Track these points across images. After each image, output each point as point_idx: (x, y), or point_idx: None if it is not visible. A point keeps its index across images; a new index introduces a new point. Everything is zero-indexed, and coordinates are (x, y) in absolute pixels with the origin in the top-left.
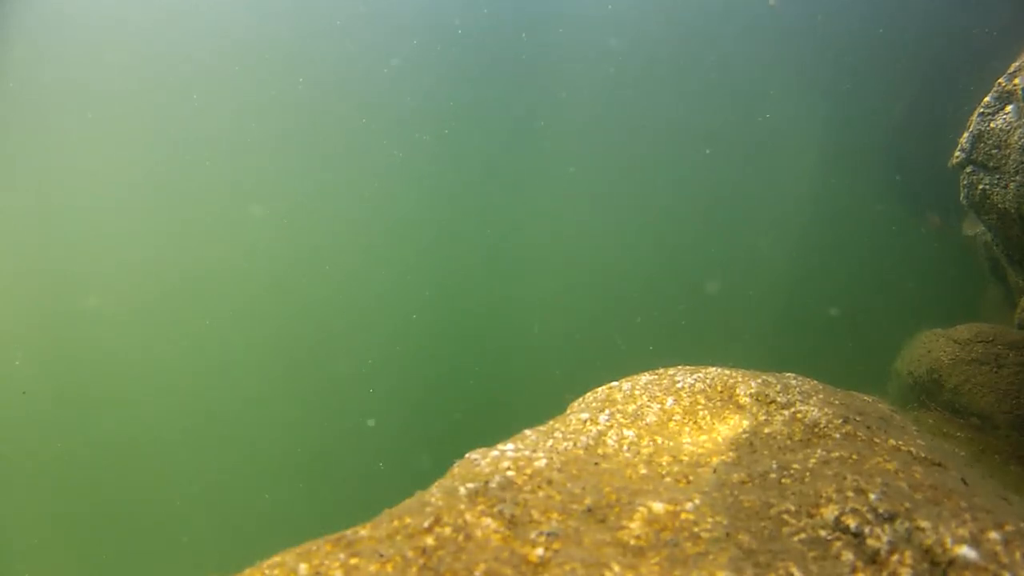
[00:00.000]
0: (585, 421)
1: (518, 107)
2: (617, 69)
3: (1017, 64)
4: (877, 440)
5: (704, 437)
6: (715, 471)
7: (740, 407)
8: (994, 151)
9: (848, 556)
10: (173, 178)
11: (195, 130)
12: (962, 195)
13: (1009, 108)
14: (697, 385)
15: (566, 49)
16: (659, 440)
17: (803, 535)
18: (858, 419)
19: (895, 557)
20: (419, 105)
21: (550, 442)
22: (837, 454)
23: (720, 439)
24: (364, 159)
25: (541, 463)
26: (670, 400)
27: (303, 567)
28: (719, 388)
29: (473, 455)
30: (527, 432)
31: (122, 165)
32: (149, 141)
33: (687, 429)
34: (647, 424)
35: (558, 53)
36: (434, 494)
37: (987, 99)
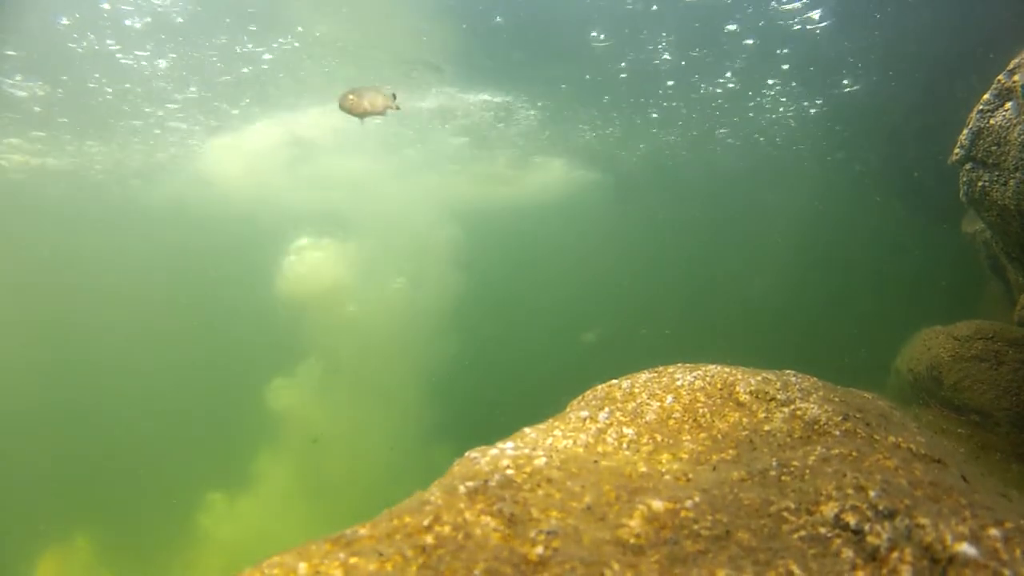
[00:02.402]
0: (585, 419)
1: None
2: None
3: (1016, 61)
4: (877, 437)
5: (704, 435)
6: (715, 469)
7: (740, 404)
8: (993, 148)
9: (848, 553)
10: None
11: None
12: (962, 192)
13: (1008, 105)
14: (696, 383)
15: None
16: (659, 438)
17: (803, 532)
18: (858, 416)
19: (895, 554)
20: None
21: (550, 440)
22: (837, 451)
23: (720, 436)
24: None
25: (541, 461)
26: (669, 398)
27: (303, 566)
28: (719, 386)
29: (473, 453)
30: (526, 430)
31: None
32: None
33: (687, 427)
34: (647, 422)
35: None
36: (433, 493)
37: (986, 96)
